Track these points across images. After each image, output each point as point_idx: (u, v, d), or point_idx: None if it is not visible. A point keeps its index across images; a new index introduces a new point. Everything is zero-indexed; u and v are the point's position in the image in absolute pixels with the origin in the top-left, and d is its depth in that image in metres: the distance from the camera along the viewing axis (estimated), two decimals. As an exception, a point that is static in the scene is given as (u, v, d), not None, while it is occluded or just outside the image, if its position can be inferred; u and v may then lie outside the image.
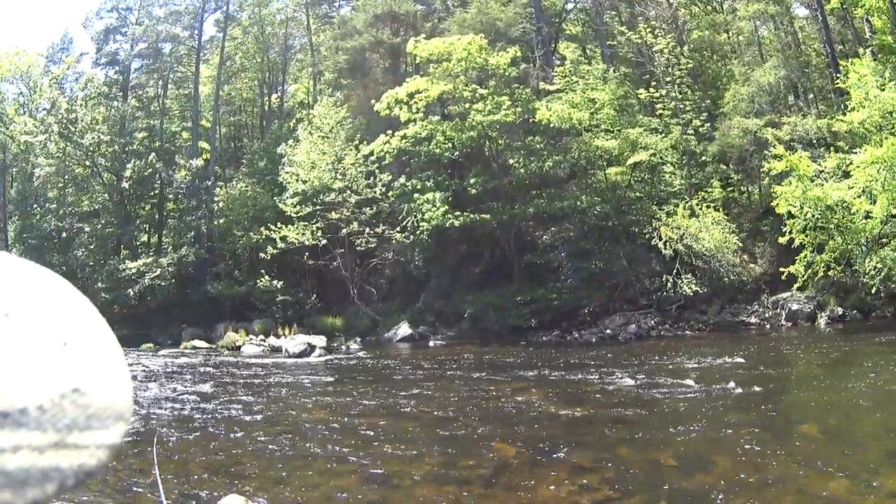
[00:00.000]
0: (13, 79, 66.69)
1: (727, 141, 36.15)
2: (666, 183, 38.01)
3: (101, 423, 0.78)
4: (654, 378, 19.80)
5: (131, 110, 56.90)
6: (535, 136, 39.93)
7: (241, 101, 68.95)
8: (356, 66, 52.32)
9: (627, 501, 9.66)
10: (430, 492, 10.74)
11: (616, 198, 37.98)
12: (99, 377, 0.80)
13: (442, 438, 14.21)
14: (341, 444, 14.08)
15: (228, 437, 15.10)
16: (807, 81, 37.63)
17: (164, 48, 59.85)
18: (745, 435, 12.82)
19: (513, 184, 40.24)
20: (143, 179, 53.88)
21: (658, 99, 38.92)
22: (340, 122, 44.67)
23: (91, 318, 0.86)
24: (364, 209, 42.56)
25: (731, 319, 33.63)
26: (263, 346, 38.86)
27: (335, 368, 29.14)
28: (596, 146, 36.89)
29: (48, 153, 55.40)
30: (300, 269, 45.50)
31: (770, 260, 34.40)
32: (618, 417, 15.15)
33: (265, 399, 20.92)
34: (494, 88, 39.25)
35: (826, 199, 27.71)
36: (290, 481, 11.59)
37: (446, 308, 40.57)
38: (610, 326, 34.59)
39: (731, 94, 37.51)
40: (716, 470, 10.75)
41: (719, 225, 34.15)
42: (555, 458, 12.01)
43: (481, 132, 38.79)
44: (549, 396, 18.35)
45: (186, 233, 53.12)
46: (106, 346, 0.85)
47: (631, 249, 36.29)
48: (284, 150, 46.26)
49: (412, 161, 43.88)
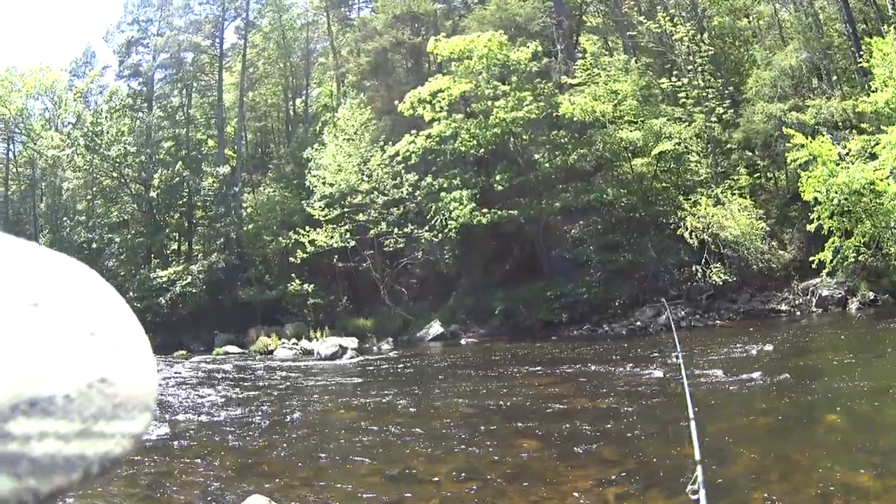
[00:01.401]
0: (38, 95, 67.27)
1: (752, 127, 35.91)
2: (692, 172, 37.87)
3: (126, 413, 0.80)
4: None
5: (156, 120, 57.03)
6: (559, 130, 39.83)
7: (266, 106, 69.17)
8: (378, 67, 52.47)
9: (650, 494, 9.67)
10: (454, 489, 10.79)
11: (642, 189, 37.89)
12: (125, 368, 0.82)
13: (469, 435, 14.24)
14: (369, 444, 14.14)
15: (257, 439, 15.21)
16: (829, 63, 37.34)
17: (187, 58, 60.02)
18: (771, 424, 12.81)
19: (539, 179, 40.07)
20: (170, 188, 53.96)
21: (680, 88, 38.78)
22: (365, 123, 44.64)
23: (118, 309, 0.88)
24: (391, 210, 42.53)
25: (762, 307, 33.40)
26: (295, 350, 38.88)
27: (366, 369, 29.18)
28: (620, 138, 36.71)
29: (75, 166, 55.94)
30: (330, 272, 45.60)
31: (799, 246, 34.17)
32: (645, 410, 15.15)
33: (295, 401, 21.01)
34: (516, 84, 39.22)
35: (852, 183, 27.43)
36: (316, 481, 11.67)
37: (477, 306, 40.55)
38: (640, 318, 34.50)
39: (754, 79, 37.29)
40: (741, 461, 10.71)
41: (746, 212, 33.99)
42: (580, 453, 12.01)
43: (505, 129, 38.79)
44: (577, 391, 18.35)
45: (216, 239, 53.31)
46: (133, 337, 0.87)
47: (659, 240, 36.22)
48: (310, 153, 46.35)
49: (438, 160, 43.91)
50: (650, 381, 18.45)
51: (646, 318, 34.36)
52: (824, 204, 28.28)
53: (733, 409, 14.46)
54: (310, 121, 61.01)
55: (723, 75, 40.20)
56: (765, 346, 22.39)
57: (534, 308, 37.52)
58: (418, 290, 45.14)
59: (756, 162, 37.97)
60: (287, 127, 66.84)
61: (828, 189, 27.86)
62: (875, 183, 27.27)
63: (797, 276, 33.71)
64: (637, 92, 37.41)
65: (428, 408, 18.13)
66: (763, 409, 14.20)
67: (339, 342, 36.06)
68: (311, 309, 44.61)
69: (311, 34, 65.81)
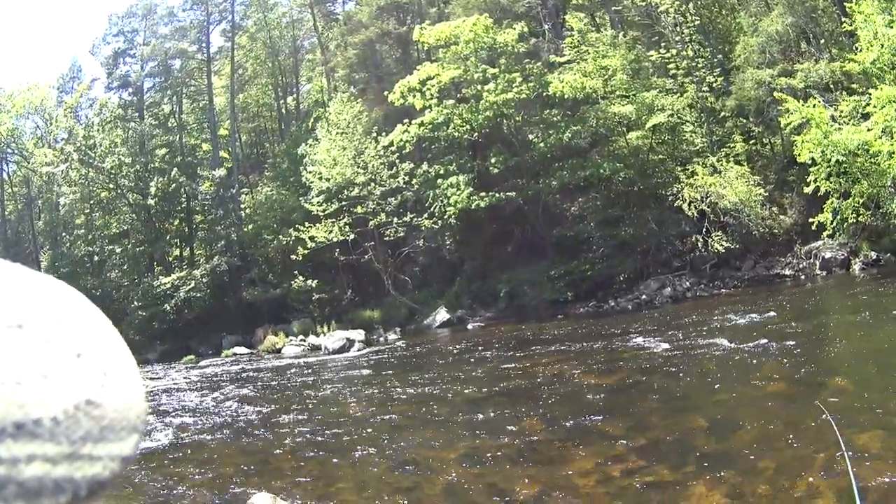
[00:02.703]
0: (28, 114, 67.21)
1: (743, 94, 35.77)
2: (687, 142, 37.82)
3: (114, 435, 0.80)
4: (689, 340, 19.78)
5: (149, 129, 57.03)
6: (551, 109, 39.81)
7: (258, 106, 69.15)
8: (366, 59, 52.47)
9: (656, 469, 9.68)
10: (461, 474, 10.82)
11: (639, 162, 37.84)
12: (113, 389, 0.81)
13: (475, 421, 14.27)
14: (377, 435, 14.21)
15: (264, 437, 15.28)
16: (815, 27, 37.18)
17: (175, 65, 59.95)
18: (777, 392, 12.82)
19: (535, 159, 40.16)
20: (168, 195, 54.11)
21: (670, 59, 38.73)
22: (357, 116, 44.56)
23: (105, 330, 0.88)
24: (389, 200, 42.53)
25: (766, 273, 33.33)
26: (303, 346, 39.01)
27: (374, 361, 29.30)
28: (613, 113, 36.69)
29: (71, 181, 56.02)
30: (333, 266, 45.60)
31: (800, 210, 34.02)
32: (651, 384, 15.17)
33: (303, 397, 21.07)
34: (505, 66, 39.25)
35: (847, 144, 27.41)
36: (323, 476, 11.72)
37: (482, 290, 40.62)
38: (645, 292, 34.52)
39: (742, 46, 37.12)
40: (747, 431, 10.71)
41: (743, 178, 33.97)
42: (587, 430, 12.05)
43: (497, 111, 38.81)
44: (584, 368, 18.36)
45: (217, 242, 53.15)
46: (119, 358, 0.86)
47: (659, 212, 36.15)
48: (305, 150, 46.35)
49: (432, 147, 44.06)
50: (657, 355, 18.45)
51: (651, 291, 34.38)
52: (821, 165, 28.23)
53: (741, 376, 14.46)
54: (302, 117, 61.07)
55: (711, 44, 40.03)
56: (770, 312, 22.40)
57: (539, 288, 37.47)
58: (422, 278, 45.14)
59: (750, 129, 37.78)
60: (280, 125, 67.04)
61: (823, 150, 27.83)
62: (869, 143, 27.24)
63: (799, 240, 33.58)
64: (627, 66, 37.28)
65: (435, 394, 18.18)
66: (770, 375, 14.19)
67: (346, 335, 36.09)
68: (316, 304, 44.71)
69: (298, 31, 65.74)
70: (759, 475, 8.69)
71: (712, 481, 8.73)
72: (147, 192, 53.68)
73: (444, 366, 23.96)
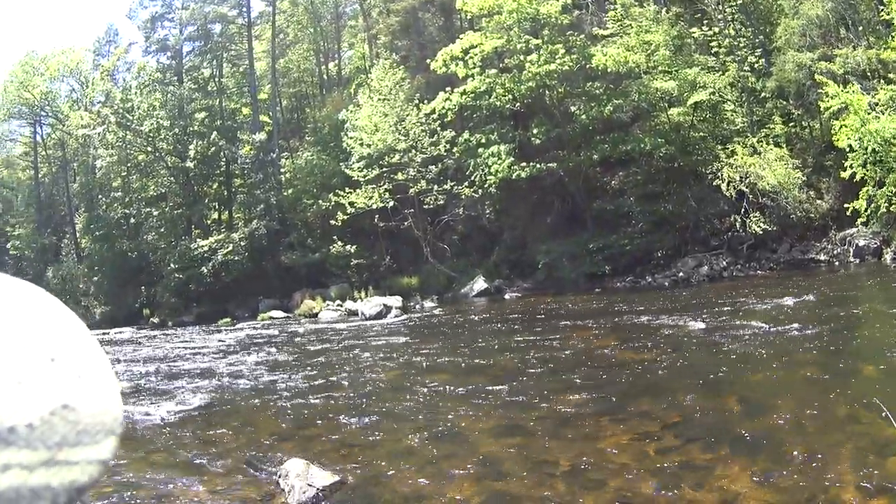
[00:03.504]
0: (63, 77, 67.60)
1: (784, 76, 35.40)
2: (728, 121, 37.52)
3: (91, 439, 0.79)
4: (724, 320, 19.65)
5: (188, 93, 57.12)
6: (594, 81, 39.68)
7: (299, 72, 69.20)
8: (409, 26, 52.29)
9: (689, 448, 9.60)
10: (495, 445, 10.74)
11: (680, 139, 37.56)
12: (88, 392, 0.81)
13: (510, 391, 14.17)
14: (412, 403, 14.12)
15: (299, 402, 15.19)
16: (854, 13, 36.74)
17: (214, 29, 59.89)
18: (809, 376, 12.71)
19: (576, 131, 40.05)
20: (207, 159, 54.22)
21: (712, 37, 38.44)
22: (399, 83, 44.57)
23: (79, 334, 0.87)
24: (430, 167, 42.57)
25: (801, 257, 33.13)
26: (340, 311, 39.12)
27: (410, 328, 29.28)
28: (655, 88, 36.41)
29: (108, 143, 56.13)
30: (372, 232, 45.73)
31: (836, 195, 33.61)
32: (686, 362, 15.06)
33: (338, 363, 20.92)
34: (548, 38, 39.01)
35: (883, 133, 27.11)
36: (356, 442, 11.61)
37: (521, 260, 40.60)
38: (682, 269, 34.40)
39: (783, 28, 36.69)
40: (779, 414, 10.58)
41: (782, 161, 33.72)
42: (621, 407, 11.95)
43: (539, 82, 38.64)
44: (619, 344, 18.25)
45: (256, 206, 53.24)
46: (94, 361, 0.86)
47: (699, 190, 35.92)
48: (346, 115, 46.34)
49: (474, 116, 44.03)
50: (692, 334, 18.33)
51: (688, 268, 34.25)
52: (857, 152, 27.94)
53: (773, 360, 14.30)
54: (344, 83, 61.05)
55: (752, 24, 39.55)
56: (804, 296, 22.22)
57: (577, 261, 37.49)
58: (461, 246, 45.06)
59: (790, 111, 37.43)
60: (321, 91, 67.11)
61: (861, 137, 27.55)
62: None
63: (835, 226, 33.29)
64: (669, 42, 37.04)
65: (471, 364, 18.10)
66: (802, 360, 14.06)
67: (383, 302, 36.08)
68: (354, 270, 44.92)
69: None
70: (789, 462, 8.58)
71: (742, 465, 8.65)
72: (186, 156, 53.79)
73: (481, 335, 23.87)
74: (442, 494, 8.83)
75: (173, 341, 32.70)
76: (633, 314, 23.60)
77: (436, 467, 9.95)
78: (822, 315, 18.76)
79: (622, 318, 22.97)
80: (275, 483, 9.65)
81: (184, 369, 22.28)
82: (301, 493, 9.02)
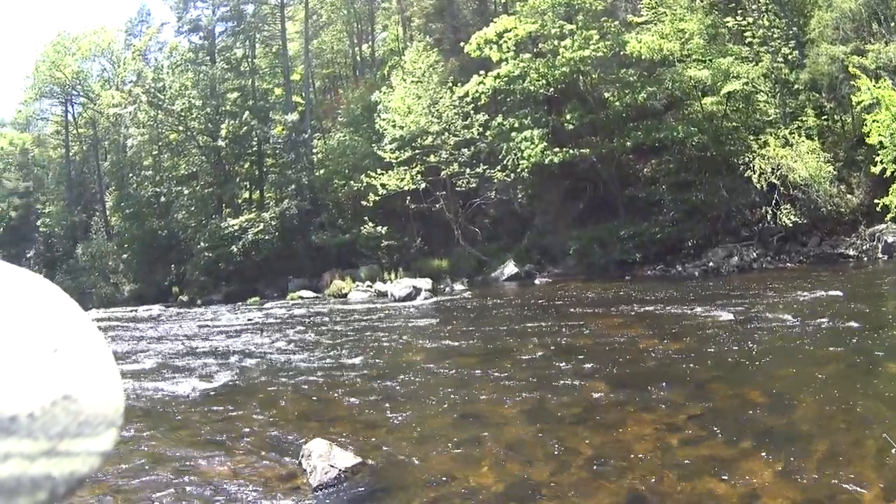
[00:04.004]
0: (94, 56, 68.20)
1: (817, 69, 35.27)
2: (761, 112, 37.40)
3: (92, 430, 0.79)
4: (752, 312, 19.64)
5: (220, 73, 57.32)
6: (628, 68, 39.54)
7: (332, 53, 69.48)
8: (443, 9, 52.33)
9: (713, 441, 9.55)
10: (520, 431, 10.72)
11: (713, 128, 37.47)
12: (90, 384, 0.80)
13: (537, 377, 14.13)
14: (438, 386, 14.12)
15: (324, 382, 15.22)
16: (886, 9, 36.49)
17: (247, 10, 59.69)
18: (836, 372, 12.61)
19: (610, 117, 39.89)
20: (239, 138, 54.38)
21: (746, 27, 38.18)
22: (432, 65, 44.57)
23: (82, 324, 0.86)
24: (462, 150, 42.60)
25: (830, 252, 33.05)
26: (370, 292, 39.30)
27: (439, 310, 29.29)
28: (689, 76, 36.33)
29: (139, 122, 56.70)
30: (404, 214, 45.70)
31: (866, 191, 33.45)
32: (712, 353, 15.00)
33: (366, 344, 20.92)
34: (583, 23, 38.95)
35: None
36: (380, 424, 11.60)
37: (552, 245, 40.57)
38: (713, 259, 34.36)
39: (816, 20, 36.54)
40: (804, 408, 10.56)
41: (814, 154, 33.59)
42: (646, 396, 11.89)
43: (573, 67, 38.57)
44: (647, 332, 18.22)
45: (287, 186, 53.52)
46: (97, 353, 0.85)
47: (731, 180, 35.77)
48: (379, 97, 46.39)
49: (507, 100, 44.02)
50: (720, 324, 18.24)
51: (718, 259, 34.20)
52: (889, 148, 27.80)
53: (800, 354, 14.28)
54: (377, 65, 61.07)
55: (786, 15, 39.31)
56: (833, 291, 22.13)
57: (608, 247, 37.53)
58: (492, 230, 45.05)
59: (823, 104, 37.22)
60: (354, 72, 67.13)
61: (892, 133, 27.41)
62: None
63: (864, 221, 33.21)
64: (703, 30, 36.96)
65: (499, 348, 18.11)
66: (829, 355, 13.99)
67: (412, 283, 36.22)
68: (384, 251, 45.00)
69: (374, -22, 65.36)
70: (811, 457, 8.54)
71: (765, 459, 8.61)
72: (217, 135, 54.14)
73: (509, 320, 23.82)
74: (464, 478, 8.85)
75: (201, 319, 32.94)
76: (661, 303, 23.57)
77: (459, 451, 9.96)
78: (850, 310, 18.65)
79: (651, 307, 22.91)
80: (297, 463, 9.68)
81: (211, 347, 22.45)
82: (323, 473, 9.05)
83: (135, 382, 16.15)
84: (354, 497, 8.72)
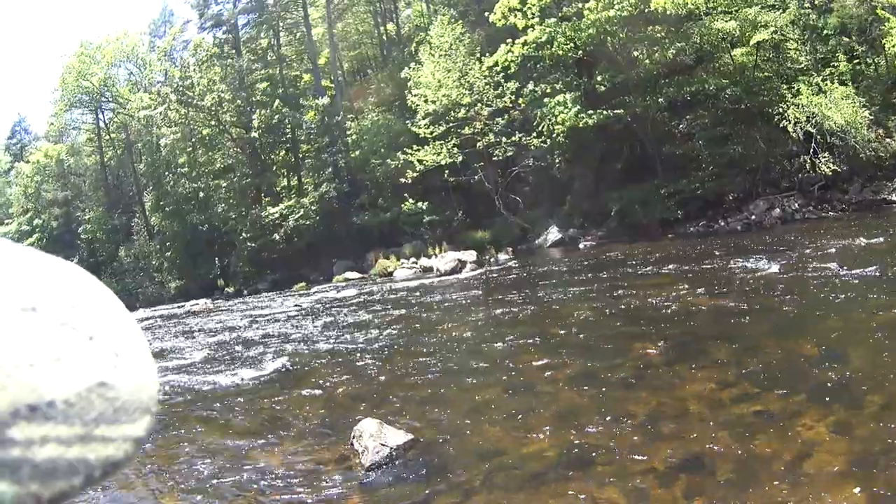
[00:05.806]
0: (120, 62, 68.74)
1: (845, 12, 35.00)
2: (792, 60, 37.02)
3: (127, 417, 0.81)
4: (799, 264, 19.42)
5: (247, 64, 57.62)
6: (654, 25, 39.25)
7: (358, 34, 69.58)
8: (467, -21, 52.09)
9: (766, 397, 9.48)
10: (572, 397, 10.71)
11: (745, 79, 37.16)
12: (125, 371, 0.82)
13: (585, 342, 14.12)
14: (485, 358, 14.12)
15: (373, 361, 15.27)
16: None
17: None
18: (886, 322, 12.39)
19: (641, 76, 39.64)
20: (272, 127, 54.71)
21: (770, -28, 37.78)
22: (459, 38, 44.34)
23: (117, 312, 0.88)
24: (497, 120, 42.51)
25: (873, 198, 32.53)
26: (415, 269, 39.51)
27: (485, 281, 29.40)
28: (717, 29, 35.97)
29: (170, 122, 57.14)
30: (444, 188, 45.79)
31: (905, 134, 33.32)
32: (761, 308, 14.88)
33: (413, 321, 21.00)
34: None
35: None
36: (432, 400, 11.62)
37: (593, 208, 40.45)
38: (755, 212, 34.12)
39: (841, -40, 36.31)
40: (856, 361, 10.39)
41: (849, 100, 33.15)
42: (696, 355, 11.85)
43: (600, 28, 38.29)
44: (692, 290, 18.09)
45: (324, 170, 53.65)
46: (132, 340, 0.86)
47: (767, 131, 35.45)
48: (408, 74, 46.37)
49: (538, 66, 43.84)
50: (767, 278, 18.11)
51: (760, 211, 33.97)
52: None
53: (848, 304, 14.11)
54: (404, 43, 61.02)
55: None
56: (878, 238, 21.91)
57: (649, 207, 37.38)
58: (532, 197, 45.04)
59: (854, 48, 36.90)
60: (382, 52, 67.11)
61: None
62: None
63: (905, 165, 32.89)
64: (727, -20, 36.64)
65: (546, 315, 18.13)
66: (879, 304, 13.77)
67: (457, 257, 36.33)
68: (427, 227, 45.09)
69: (394, -45, 65.19)
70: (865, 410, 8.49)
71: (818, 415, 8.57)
72: (250, 126, 54.55)
73: (556, 286, 23.77)
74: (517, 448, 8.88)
75: (248, 309, 33.18)
76: (707, 259, 23.47)
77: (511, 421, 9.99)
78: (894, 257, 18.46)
79: (696, 264, 22.81)
80: (349, 444, 9.77)
81: (258, 336, 22.62)
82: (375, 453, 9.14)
83: (186, 376, 16.42)
84: (407, 474, 8.78)
